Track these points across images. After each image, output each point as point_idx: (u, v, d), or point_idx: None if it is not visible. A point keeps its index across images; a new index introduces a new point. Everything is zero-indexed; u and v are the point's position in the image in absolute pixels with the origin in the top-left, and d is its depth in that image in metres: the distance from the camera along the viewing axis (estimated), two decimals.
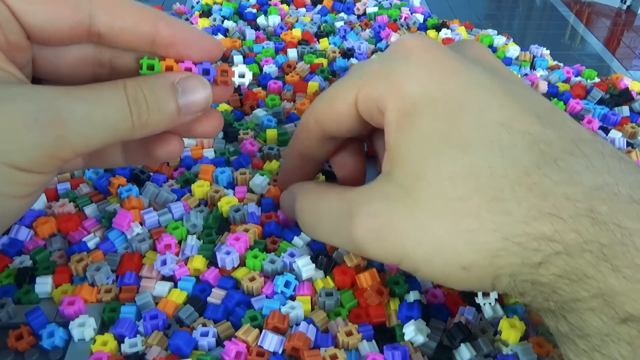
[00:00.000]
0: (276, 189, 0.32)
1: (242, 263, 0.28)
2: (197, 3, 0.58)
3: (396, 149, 0.22)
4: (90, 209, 0.31)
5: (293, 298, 0.26)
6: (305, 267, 0.27)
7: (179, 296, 0.26)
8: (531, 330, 0.26)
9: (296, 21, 0.53)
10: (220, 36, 0.50)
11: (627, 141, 0.39)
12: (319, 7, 0.56)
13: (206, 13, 0.54)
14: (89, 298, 0.26)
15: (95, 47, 0.23)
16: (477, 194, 0.20)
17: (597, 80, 0.47)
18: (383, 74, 0.23)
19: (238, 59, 0.46)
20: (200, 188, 0.32)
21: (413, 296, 0.26)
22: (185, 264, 0.28)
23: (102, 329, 0.25)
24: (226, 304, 0.26)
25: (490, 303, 0.26)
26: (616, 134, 0.39)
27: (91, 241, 0.29)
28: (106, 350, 0.23)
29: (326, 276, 0.28)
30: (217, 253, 0.27)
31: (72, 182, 0.33)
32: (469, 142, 0.21)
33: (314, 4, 0.58)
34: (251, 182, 0.32)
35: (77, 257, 0.27)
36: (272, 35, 0.51)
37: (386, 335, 0.25)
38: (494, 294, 0.26)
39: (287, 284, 0.26)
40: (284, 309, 0.25)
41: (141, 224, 0.30)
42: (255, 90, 0.42)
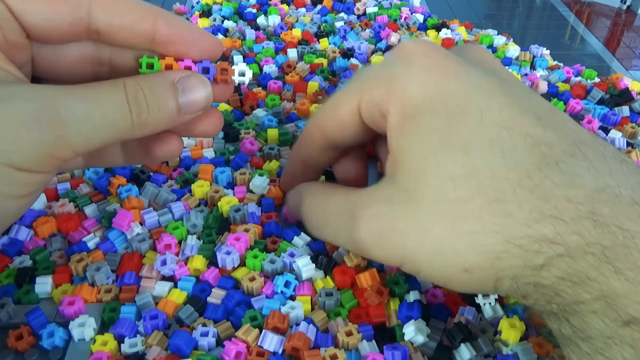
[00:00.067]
0: (276, 189, 0.32)
1: (242, 263, 0.28)
2: (197, 3, 0.58)
3: (398, 152, 0.23)
4: (90, 209, 0.31)
5: (293, 298, 0.26)
6: (305, 267, 0.27)
7: (179, 296, 0.26)
8: (531, 330, 0.26)
9: (296, 21, 0.53)
10: (220, 36, 0.50)
11: (627, 141, 0.39)
12: (319, 7, 0.56)
13: (206, 13, 0.54)
14: (89, 298, 0.26)
15: (94, 45, 0.23)
16: (479, 196, 0.20)
17: (597, 80, 0.47)
18: (384, 79, 0.24)
19: (238, 59, 0.46)
20: (200, 188, 0.32)
21: (413, 296, 0.26)
22: (185, 264, 0.27)
23: (102, 329, 0.25)
24: (226, 304, 0.26)
25: (490, 303, 0.26)
26: (616, 134, 0.39)
27: (91, 241, 0.29)
28: (106, 350, 0.23)
29: (326, 276, 0.28)
30: (218, 253, 0.27)
31: (72, 182, 0.33)
32: (470, 144, 0.21)
33: (314, 4, 0.58)
34: (251, 184, 0.32)
35: (77, 257, 0.27)
36: (272, 35, 0.51)
37: (386, 335, 0.25)
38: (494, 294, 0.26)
39: (287, 284, 0.26)
40: (284, 309, 0.25)
41: (141, 224, 0.30)
42: (255, 90, 0.42)
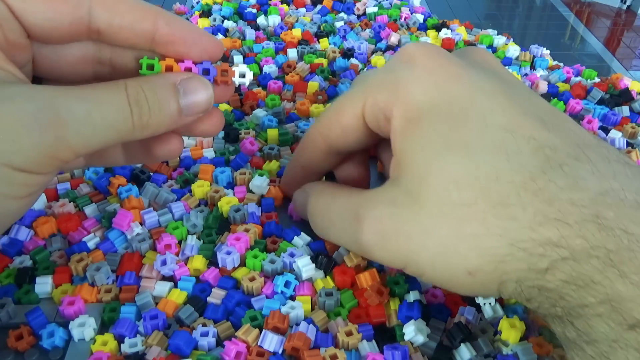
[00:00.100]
0: (276, 190, 0.32)
1: (242, 263, 0.28)
2: (197, 3, 0.58)
3: (402, 155, 0.23)
4: (90, 209, 0.31)
5: (293, 298, 0.26)
6: (305, 267, 0.27)
7: (179, 296, 0.26)
8: (531, 330, 0.26)
9: (296, 21, 0.53)
10: (220, 36, 0.50)
11: (627, 141, 0.39)
12: (319, 7, 0.56)
13: (206, 13, 0.54)
14: (89, 298, 0.26)
15: (95, 46, 0.23)
16: (483, 199, 0.20)
17: (597, 80, 0.47)
18: (388, 83, 0.24)
19: (238, 59, 0.46)
20: (200, 188, 0.32)
21: (413, 296, 0.26)
22: (185, 264, 0.27)
23: (102, 329, 0.25)
24: (226, 304, 0.26)
25: (490, 303, 0.26)
26: (616, 134, 0.39)
27: (91, 241, 0.29)
28: (106, 350, 0.23)
29: (326, 276, 0.28)
30: (218, 253, 0.27)
31: (72, 182, 0.33)
32: (474, 147, 0.21)
33: (314, 4, 0.58)
34: (251, 184, 0.32)
35: (77, 257, 0.27)
36: (272, 35, 0.51)
37: (386, 335, 0.25)
38: None
39: (287, 284, 0.26)
40: (284, 309, 0.25)
41: (141, 224, 0.30)
42: (255, 90, 0.42)
